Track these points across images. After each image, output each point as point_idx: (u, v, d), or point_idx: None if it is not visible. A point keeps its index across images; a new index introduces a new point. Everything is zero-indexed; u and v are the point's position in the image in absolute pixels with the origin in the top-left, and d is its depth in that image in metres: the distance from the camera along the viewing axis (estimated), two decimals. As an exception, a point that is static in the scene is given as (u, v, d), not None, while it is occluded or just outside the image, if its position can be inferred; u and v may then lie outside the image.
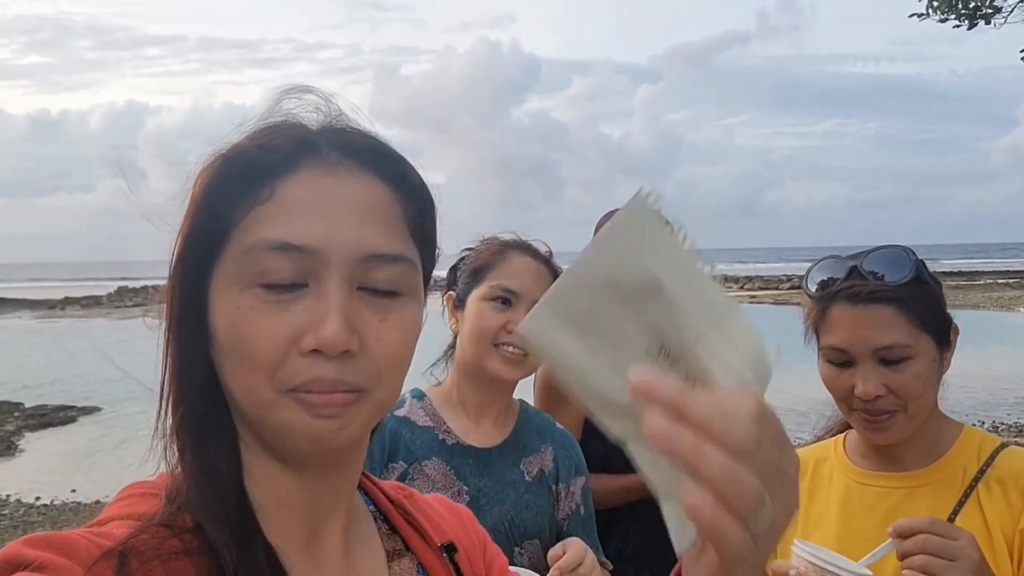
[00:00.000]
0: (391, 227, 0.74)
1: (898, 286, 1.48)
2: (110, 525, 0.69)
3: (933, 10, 10.41)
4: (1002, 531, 1.45)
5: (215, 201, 0.72)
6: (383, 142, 0.78)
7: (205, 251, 0.72)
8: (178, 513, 0.70)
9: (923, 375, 1.48)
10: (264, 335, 0.68)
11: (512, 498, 1.80)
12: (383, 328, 0.72)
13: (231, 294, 0.70)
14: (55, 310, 38.78)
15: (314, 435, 0.70)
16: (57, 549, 0.63)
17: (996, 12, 10.45)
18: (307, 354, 0.68)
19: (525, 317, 0.58)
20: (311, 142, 0.73)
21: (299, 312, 0.69)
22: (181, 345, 0.73)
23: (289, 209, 0.70)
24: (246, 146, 0.73)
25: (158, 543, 0.67)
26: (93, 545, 0.64)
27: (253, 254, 0.69)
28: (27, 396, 15.02)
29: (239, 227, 0.71)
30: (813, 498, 1.66)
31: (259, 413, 0.71)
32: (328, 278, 0.69)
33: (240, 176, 0.71)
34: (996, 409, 12.36)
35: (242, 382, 0.70)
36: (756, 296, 38.48)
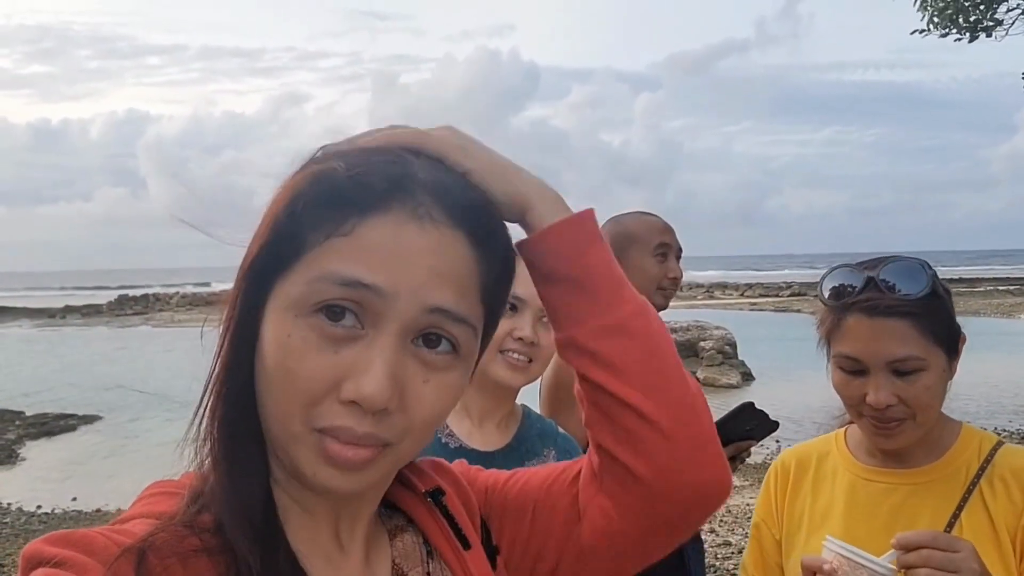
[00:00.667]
0: (463, 289, 0.72)
1: (914, 300, 1.49)
2: (131, 523, 0.69)
3: (934, 26, 10.45)
4: (1006, 526, 1.49)
5: (296, 218, 0.70)
6: (481, 195, 0.76)
7: (274, 265, 0.71)
8: (199, 513, 0.70)
9: (933, 386, 1.51)
10: (307, 372, 0.68)
11: None
12: (425, 389, 0.71)
13: (287, 318, 0.69)
14: (55, 319, 38.80)
15: (326, 485, 0.70)
16: (77, 546, 0.63)
17: (997, 25, 10.49)
18: (345, 403, 0.68)
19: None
20: (406, 185, 0.71)
21: (347, 356, 0.68)
22: (233, 351, 0.73)
23: (366, 249, 0.68)
24: (339, 174, 0.71)
25: (178, 541, 0.67)
26: (112, 543, 0.65)
27: (320, 283, 0.68)
28: (28, 405, 15.01)
29: (313, 251, 0.69)
30: (818, 493, 1.68)
31: (284, 442, 0.71)
32: (385, 327, 0.69)
33: (326, 202, 0.70)
34: (998, 416, 12.36)
35: (276, 408, 0.70)
36: (757, 304, 38.46)
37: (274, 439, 0.73)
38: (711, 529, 7.29)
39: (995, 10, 10.38)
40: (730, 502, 7.99)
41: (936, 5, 10.28)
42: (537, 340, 1.79)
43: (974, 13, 10.34)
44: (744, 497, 8.06)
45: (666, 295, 2.65)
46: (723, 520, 7.55)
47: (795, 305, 33.91)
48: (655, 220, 2.69)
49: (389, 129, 0.77)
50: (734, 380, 15.95)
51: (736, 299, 42.17)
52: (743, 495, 8.12)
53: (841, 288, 1.56)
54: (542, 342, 1.80)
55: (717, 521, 7.51)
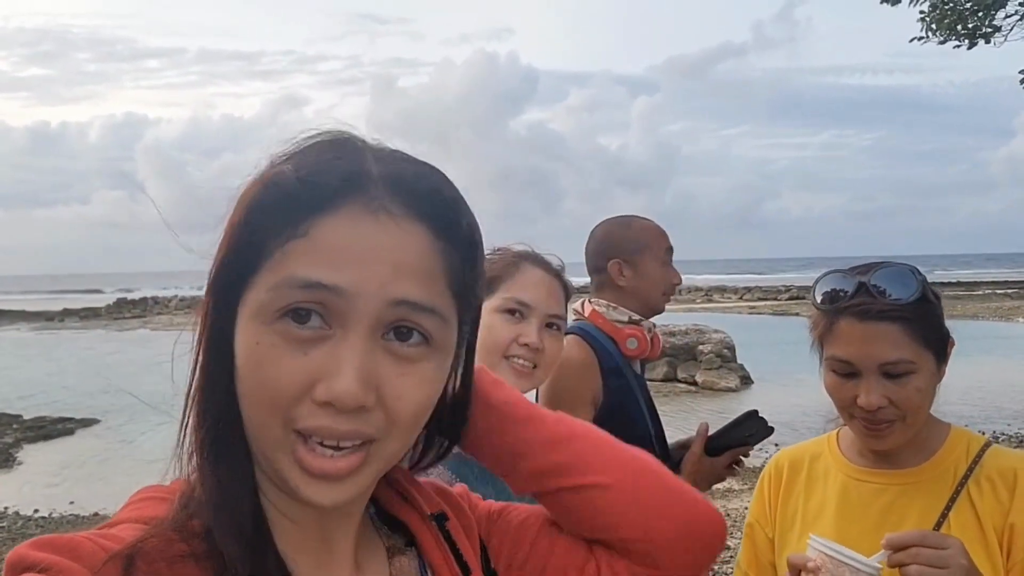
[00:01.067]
0: (427, 279, 0.71)
1: (905, 305, 1.53)
2: (118, 528, 0.69)
3: (932, 32, 10.47)
4: (993, 526, 1.53)
5: (253, 226, 0.70)
6: (440, 182, 0.75)
7: (238, 276, 0.71)
8: (189, 519, 0.70)
9: (923, 388, 1.55)
10: (279, 377, 0.68)
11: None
12: (402, 383, 0.70)
13: (254, 326, 0.69)
14: (53, 322, 38.79)
15: (312, 500, 0.70)
16: (63, 551, 0.63)
17: (995, 31, 10.52)
18: (320, 404, 0.68)
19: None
20: (359, 180, 0.70)
21: (317, 358, 0.68)
22: (209, 365, 0.73)
23: (324, 249, 0.68)
24: (289, 176, 0.70)
25: (166, 547, 0.67)
26: (99, 548, 0.64)
27: (282, 289, 0.68)
28: (25, 408, 14.99)
29: (273, 258, 0.69)
30: (810, 493, 1.73)
31: (268, 452, 0.71)
32: (352, 325, 0.68)
33: (279, 207, 0.69)
34: (996, 420, 12.36)
35: (255, 416, 0.70)
36: (755, 307, 38.49)
37: (258, 449, 0.72)
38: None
39: (993, 16, 10.41)
40: (728, 506, 7.98)
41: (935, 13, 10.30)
42: (542, 346, 1.79)
43: (973, 20, 10.36)
44: (742, 501, 8.05)
45: (667, 299, 2.68)
46: (722, 524, 7.52)
47: (793, 308, 33.94)
48: (656, 225, 2.70)
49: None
50: (733, 384, 15.95)
51: (735, 302, 42.20)
52: (741, 499, 8.12)
53: (833, 293, 1.60)
54: (547, 348, 1.80)
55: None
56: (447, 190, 0.75)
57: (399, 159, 0.74)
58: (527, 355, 1.78)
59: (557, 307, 1.83)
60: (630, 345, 2.52)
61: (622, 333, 2.53)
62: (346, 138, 0.75)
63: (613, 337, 2.52)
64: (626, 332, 2.53)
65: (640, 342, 2.54)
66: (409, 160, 0.75)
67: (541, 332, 1.79)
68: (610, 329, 2.53)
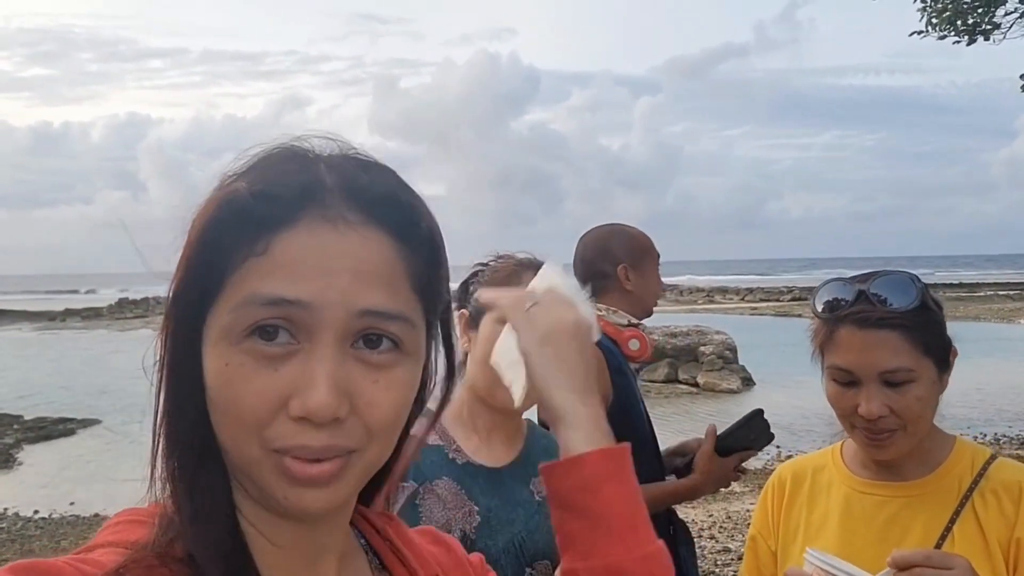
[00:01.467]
0: (391, 285, 0.71)
1: (904, 312, 1.54)
2: (97, 552, 0.68)
3: (932, 27, 10.47)
4: (998, 540, 1.52)
5: (210, 248, 0.69)
6: (395, 186, 0.74)
7: (199, 298, 0.70)
8: (170, 543, 0.69)
9: (924, 397, 1.54)
10: (251, 395, 0.67)
11: (523, 518, 1.79)
12: (375, 390, 0.70)
13: (222, 347, 0.68)
14: (55, 322, 38.81)
15: (299, 506, 0.69)
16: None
17: (995, 28, 10.52)
18: (296, 420, 0.67)
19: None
20: (313, 191, 0.70)
21: (287, 374, 0.67)
22: (174, 390, 0.72)
23: (285, 264, 0.67)
24: (242, 193, 0.69)
25: (147, 572, 0.66)
26: (79, 573, 0.63)
27: (245, 308, 0.67)
28: (26, 408, 15.01)
29: (233, 277, 0.68)
30: (813, 505, 1.72)
31: (247, 468, 0.70)
32: (320, 337, 0.67)
33: (235, 225, 0.68)
34: (998, 423, 12.35)
35: (230, 437, 0.69)
36: (757, 308, 38.48)
37: (238, 468, 0.71)
38: (711, 535, 7.28)
39: (993, 13, 10.41)
40: (730, 508, 7.98)
41: (935, 7, 10.29)
42: None
43: (973, 16, 10.36)
44: (744, 503, 8.05)
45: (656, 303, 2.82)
46: (723, 526, 7.53)
47: (796, 310, 33.92)
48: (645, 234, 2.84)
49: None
50: (734, 385, 15.94)
51: (736, 303, 42.19)
52: (743, 501, 8.12)
53: (834, 301, 1.61)
54: None
55: (717, 528, 7.50)
56: (404, 194, 0.74)
57: (353, 166, 0.73)
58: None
59: None
60: (632, 346, 2.58)
61: (623, 335, 2.58)
62: (296, 150, 0.73)
63: (614, 339, 2.57)
64: (627, 334, 2.59)
65: (641, 343, 2.60)
66: (363, 165, 0.74)
67: None
68: (611, 331, 2.58)
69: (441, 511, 1.72)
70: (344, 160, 0.74)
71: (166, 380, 0.72)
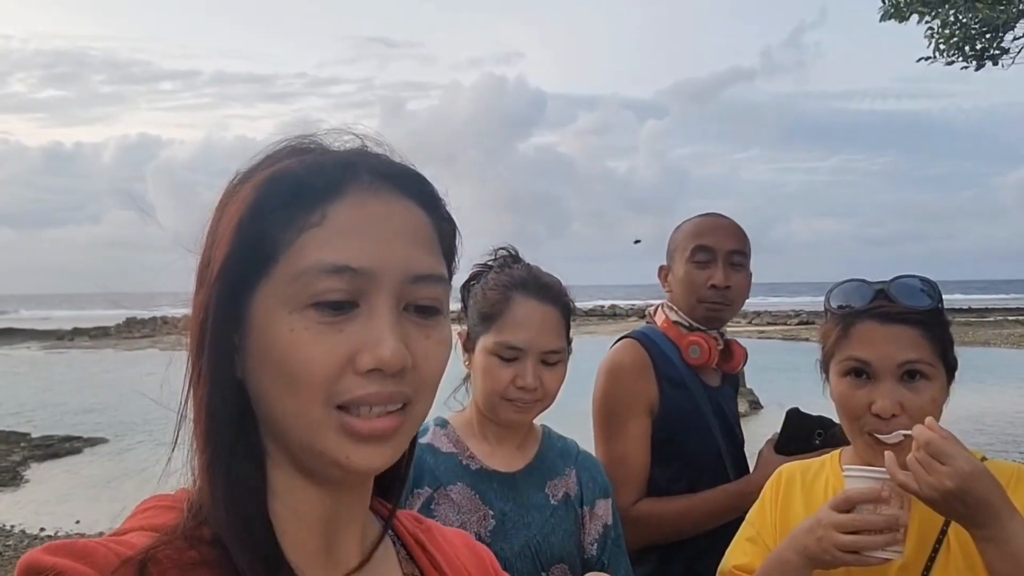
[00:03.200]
0: (431, 248, 0.76)
1: (925, 311, 1.54)
2: (129, 535, 0.69)
3: (940, 53, 10.45)
4: None
5: (262, 223, 0.71)
6: (411, 166, 0.79)
7: (248, 274, 0.71)
8: (199, 526, 0.70)
9: (937, 400, 1.52)
10: (321, 354, 0.69)
11: (538, 522, 1.79)
12: (428, 344, 0.74)
13: (281, 316, 0.70)
14: (64, 341, 38.93)
15: (361, 464, 0.72)
16: (76, 556, 0.63)
17: (1004, 53, 10.50)
18: (364, 373, 0.70)
19: None
20: (352, 167, 0.74)
21: (353, 333, 0.70)
22: (213, 369, 0.72)
23: (342, 233, 0.71)
24: (295, 168, 0.73)
25: (178, 554, 0.67)
26: (112, 553, 0.65)
27: (308, 277, 0.69)
28: (34, 427, 15.03)
29: (289, 250, 0.71)
30: (809, 505, 1.67)
31: (308, 436, 0.71)
32: (379, 300, 0.71)
33: (289, 197, 0.72)
34: (1009, 449, 12.25)
35: (292, 406, 0.70)
36: (765, 331, 38.35)
37: (294, 440, 0.72)
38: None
39: (1002, 39, 10.41)
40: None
41: (943, 33, 10.30)
42: (540, 383, 1.79)
43: (980, 41, 10.36)
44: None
45: (706, 306, 2.31)
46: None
47: (803, 334, 33.78)
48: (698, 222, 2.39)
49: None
50: (742, 408, 15.71)
51: (744, 327, 42.06)
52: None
53: (851, 297, 1.59)
54: (545, 383, 1.80)
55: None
56: (417, 171, 0.79)
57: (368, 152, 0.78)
58: (525, 396, 1.79)
59: (551, 341, 1.80)
60: (692, 354, 2.29)
61: (685, 340, 2.31)
62: (311, 139, 0.78)
63: (677, 344, 2.31)
64: (688, 339, 2.31)
65: (703, 351, 2.28)
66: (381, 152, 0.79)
67: (536, 370, 1.78)
68: (675, 335, 2.33)
69: (456, 516, 1.73)
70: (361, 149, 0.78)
71: (208, 361, 0.72)
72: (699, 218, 2.41)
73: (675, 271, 2.37)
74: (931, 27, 10.35)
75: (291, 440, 0.73)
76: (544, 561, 1.76)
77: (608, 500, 1.92)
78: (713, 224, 2.35)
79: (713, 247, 2.29)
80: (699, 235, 2.33)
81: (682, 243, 2.35)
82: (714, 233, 2.32)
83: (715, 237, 2.31)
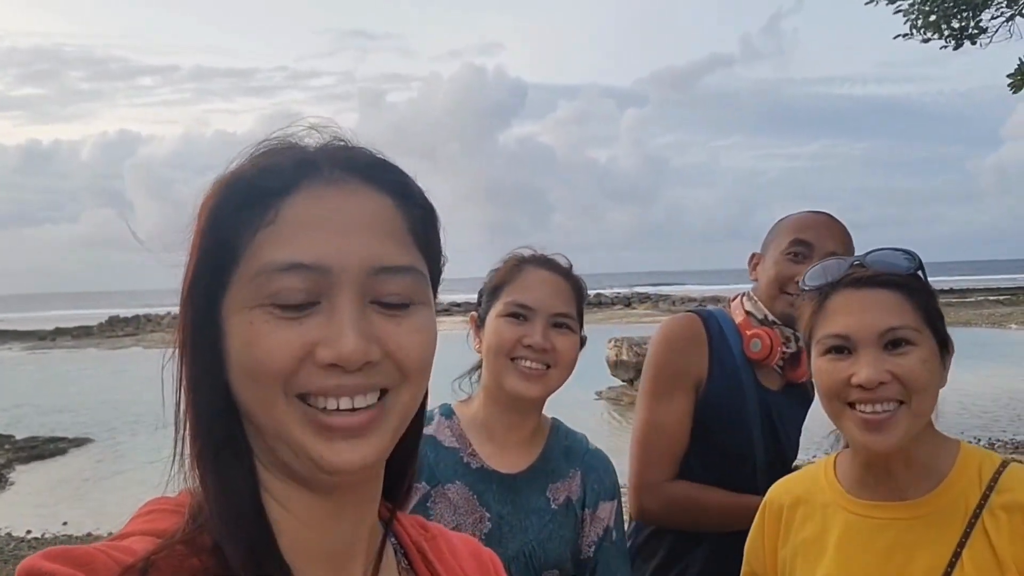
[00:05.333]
0: (396, 239, 0.73)
1: (904, 275, 1.42)
2: (129, 540, 0.69)
3: (917, 30, 10.44)
4: (1015, 563, 1.33)
5: (220, 228, 0.71)
6: (380, 155, 0.77)
7: (214, 279, 0.72)
8: (199, 532, 0.70)
9: (929, 363, 1.38)
10: (276, 345, 0.68)
11: (536, 527, 1.75)
12: (401, 333, 0.72)
13: (243, 314, 0.70)
14: (46, 341, 38.59)
15: (336, 463, 0.70)
16: (76, 563, 0.62)
17: (982, 32, 10.52)
18: (324, 367, 0.68)
19: None
20: (310, 161, 0.73)
21: (313, 327, 0.69)
22: (196, 372, 0.73)
23: (295, 229, 0.70)
24: (246, 169, 0.73)
25: (178, 562, 0.67)
26: (112, 561, 0.64)
27: (263, 277, 0.69)
28: (18, 428, 14.88)
29: (246, 252, 0.70)
30: (808, 532, 1.54)
31: (276, 429, 0.70)
32: (340, 295, 0.69)
33: (242, 200, 0.71)
34: (992, 427, 12.38)
35: (258, 396, 0.70)
36: (749, 317, 38.40)
37: (267, 435, 0.72)
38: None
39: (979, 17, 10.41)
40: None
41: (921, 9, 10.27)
42: (552, 345, 1.74)
43: (958, 19, 10.35)
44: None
45: (787, 302, 2.19)
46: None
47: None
48: (802, 217, 2.28)
49: None
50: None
51: (728, 313, 42.08)
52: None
53: (827, 273, 1.47)
54: (558, 347, 1.75)
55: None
56: (386, 160, 0.78)
57: (337, 144, 0.77)
58: (534, 356, 1.74)
59: (563, 306, 1.78)
60: (753, 347, 2.19)
61: (750, 332, 2.20)
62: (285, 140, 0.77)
63: (742, 333, 2.22)
64: (753, 332, 2.20)
65: (764, 346, 2.18)
66: (346, 145, 0.77)
67: (547, 332, 1.74)
68: (742, 323, 2.23)
69: (452, 515, 1.70)
70: (328, 144, 0.77)
71: (188, 364, 0.73)
72: (806, 213, 2.31)
73: (766, 261, 2.28)
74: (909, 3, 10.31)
75: (267, 436, 0.72)
76: (537, 567, 1.72)
77: (613, 502, 1.86)
78: (818, 221, 2.26)
79: (813, 243, 2.19)
80: (801, 229, 2.23)
81: (781, 234, 2.26)
82: (817, 230, 2.22)
83: (817, 234, 2.21)
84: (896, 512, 1.43)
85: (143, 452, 12.28)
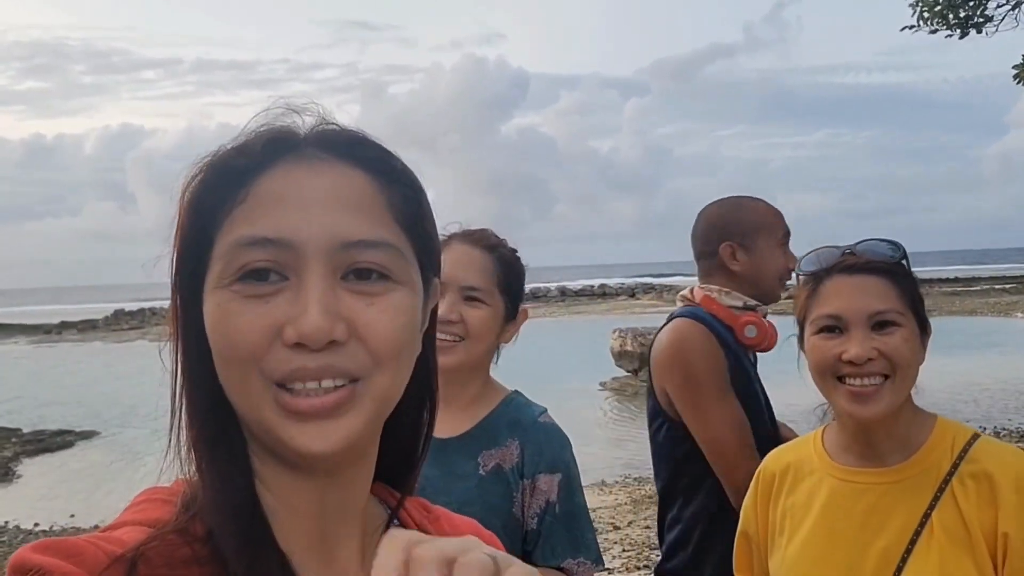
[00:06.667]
0: (371, 214, 0.72)
1: (891, 263, 1.59)
2: (121, 531, 0.68)
3: (924, 21, 10.40)
4: (981, 529, 1.46)
5: (199, 211, 0.72)
6: (364, 134, 0.76)
7: (196, 263, 0.72)
8: (192, 521, 0.69)
9: (911, 342, 1.54)
10: (245, 327, 0.67)
11: (458, 491, 1.75)
12: (371, 312, 0.70)
13: (215, 294, 0.70)
14: (51, 335, 38.71)
15: (307, 447, 0.68)
16: (65, 555, 0.62)
17: (987, 21, 10.47)
18: (291, 347, 0.67)
19: None
20: (289, 141, 0.73)
21: (279, 305, 0.68)
22: (188, 360, 0.73)
23: (263, 205, 0.70)
24: (224, 152, 0.73)
25: (169, 551, 0.67)
26: (101, 551, 0.64)
27: (231, 253, 0.69)
28: (25, 421, 14.97)
29: (220, 232, 0.71)
30: (797, 496, 1.66)
31: (252, 414, 0.70)
32: (307, 270, 0.68)
33: (219, 181, 0.71)
34: (998, 415, 12.36)
35: (233, 380, 0.70)
36: (753, 307, 38.37)
37: (248, 419, 0.71)
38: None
39: (985, 6, 10.36)
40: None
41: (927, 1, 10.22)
42: (462, 317, 1.79)
43: (964, 9, 10.30)
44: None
45: (783, 286, 2.38)
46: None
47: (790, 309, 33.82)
48: (771, 206, 2.43)
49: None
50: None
51: (732, 303, 42.02)
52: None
53: (821, 260, 1.64)
54: (468, 318, 1.80)
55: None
56: (369, 139, 0.76)
57: (319, 127, 0.76)
58: (446, 329, 1.76)
59: (474, 279, 1.82)
60: (748, 333, 2.28)
61: (739, 320, 2.28)
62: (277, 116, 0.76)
63: (730, 325, 2.28)
64: (743, 319, 2.29)
65: (759, 330, 2.29)
66: (335, 125, 0.76)
67: (457, 304, 1.79)
68: (725, 315, 2.29)
69: None
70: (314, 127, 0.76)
71: (182, 349, 0.74)
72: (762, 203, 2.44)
73: (753, 251, 2.34)
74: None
75: (247, 422, 0.72)
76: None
77: (555, 476, 1.84)
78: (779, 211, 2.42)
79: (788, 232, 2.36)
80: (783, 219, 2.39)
81: (768, 224, 2.36)
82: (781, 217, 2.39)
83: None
84: (875, 478, 1.58)
85: (149, 445, 12.33)
